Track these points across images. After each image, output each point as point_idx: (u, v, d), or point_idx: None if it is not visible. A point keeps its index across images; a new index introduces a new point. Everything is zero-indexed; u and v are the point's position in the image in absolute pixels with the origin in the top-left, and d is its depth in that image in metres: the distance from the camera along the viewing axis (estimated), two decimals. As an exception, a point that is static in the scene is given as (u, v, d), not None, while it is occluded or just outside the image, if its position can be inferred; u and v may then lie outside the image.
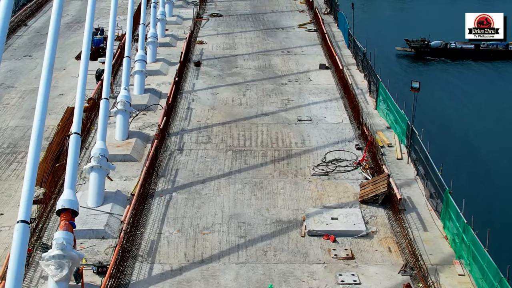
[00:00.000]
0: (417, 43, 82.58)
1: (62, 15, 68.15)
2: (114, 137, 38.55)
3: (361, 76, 50.68)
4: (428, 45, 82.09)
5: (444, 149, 45.75)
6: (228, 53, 57.28)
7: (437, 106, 57.92)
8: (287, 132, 40.58)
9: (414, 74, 70.88)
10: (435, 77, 73.55)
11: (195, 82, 49.65)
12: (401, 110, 38.49)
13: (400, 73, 68.47)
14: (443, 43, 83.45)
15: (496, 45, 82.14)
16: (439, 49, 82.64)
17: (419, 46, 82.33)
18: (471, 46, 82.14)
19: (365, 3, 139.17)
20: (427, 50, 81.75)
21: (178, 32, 62.99)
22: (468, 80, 74.20)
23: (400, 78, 62.49)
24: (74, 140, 27.84)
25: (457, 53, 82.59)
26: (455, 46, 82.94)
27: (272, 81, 50.16)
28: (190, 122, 42.17)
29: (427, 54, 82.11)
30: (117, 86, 46.09)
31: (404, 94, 41.74)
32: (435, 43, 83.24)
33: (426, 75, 72.44)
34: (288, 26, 66.41)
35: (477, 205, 37.40)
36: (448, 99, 62.77)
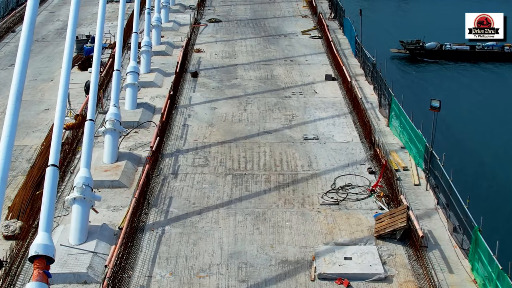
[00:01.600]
0: (411, 44, 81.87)
1: (53, 21, 64.69)
2: (102, 159, 34.98)
3: (370, 89, 47.14)
4: (423, 47, 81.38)
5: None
6: (227, 62, 53.71)
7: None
8: (292, 153, 37.04)
9: (409, 76, 68.75)
10: (430, 79, 72.41)
11: (192, 95, 46.07)
12: (418, 129, 34.92)
13: (395, 75, 65.41)
14: (438, 45, 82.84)
15: (491, 47, 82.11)
16: (434, 51, 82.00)
17: (414, 47, 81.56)
18: (467, 48, 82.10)
19: (363, 4, 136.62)
20: (422, 51, 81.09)
21: (175, 39, 59.41)
22: (464, 82, 73.41)
23: (395, 80, 59.30)
24: (50, 174, 24.24)
25: (453, 55, 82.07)
26: (450, 47, 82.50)
27: (275, 93, 46.61)
28: (186, 141, 38.61)
29: (422, 56, 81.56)
30: (108, 100, 42.55)
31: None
32: (430, 44, 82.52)
33: (421, 77, 71.24)
34: (290, 33, 62.82)
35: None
36: (447, 104, 60.32)
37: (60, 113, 26.90)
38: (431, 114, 32.46)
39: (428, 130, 32.96)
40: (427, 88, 66.46)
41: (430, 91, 65.53)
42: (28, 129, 40.56)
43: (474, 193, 32.17)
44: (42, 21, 67.57)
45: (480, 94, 68.03)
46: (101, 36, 36.37)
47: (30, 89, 47.53)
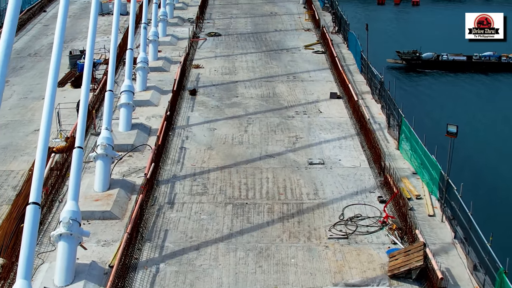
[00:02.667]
0: (408, 55, 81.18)
1: (46, 34, 62.37)
2: (93, 187, 32.56)
3: (378, 108, 44.80)
4: (419, 57, 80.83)
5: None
6: (227, 79, 51.37)
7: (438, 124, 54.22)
8: (297, 180, 34.62)
9: (406, 87, 67.03)
10: (427, 90, 71.60)
11: (190, 115, 43.71)
12: (431, 155, 32.54)
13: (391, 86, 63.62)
14: (434, 55, 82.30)
15: (488, 57, 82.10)
16: (430, 61, 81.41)
17: (411, 58, 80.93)
18: (464, 58, 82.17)
19: (363, 13, 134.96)
20: (418, 62, 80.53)
21: (172, 54, 57.10)
22: (463, 94, 72.79)
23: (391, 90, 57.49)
24: (31, 213, 21.86)
25: (449, 65, 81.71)
26: (447, 58, 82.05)
27: (277, 113, 44.25)
28: (183, 166, 36.21)
29: (419, 66, 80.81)
30: (101, 120, 40.07)
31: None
32: (426, 55, 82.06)
33: (418, 87, 70.22)
34: (293, 47, 60.50)
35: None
36: (450, 119, 58.75)
37: (43, 142, 24.58)
38: (435, 128, 30.22)
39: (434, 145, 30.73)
40: (424, 99, 65.16)
41: (428, 102, 64.81)
42: (15, 152, 38.20)
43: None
44: (36, 35, 65.34)
45: (482, 106, 67.01)
46: (91, 53, 34.10)
47: (20, 108, 45.24)
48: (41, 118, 25.56)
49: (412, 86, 70.41)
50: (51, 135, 39.91)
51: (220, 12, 75.74)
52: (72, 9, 76.80)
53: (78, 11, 75.95)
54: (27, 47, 60.97)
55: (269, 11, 76.64)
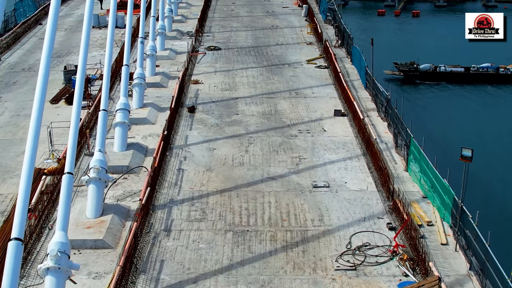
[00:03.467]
0: (405, 66, 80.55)
1: (41, 48, 60.54)
2: (85, 213, 30.70)
3: (384, 126, 43.00)
4: (417, 69, 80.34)
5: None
6: (227, 95, 49.58)
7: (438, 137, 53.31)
8: (301, 204, 32.77)
9: (403, 98, 65.83)
10: (424, 101, 71.06)
11: (188, 134, 41.89)
12: (443, 179, 30.70)
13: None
14: (432, 67, 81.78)
15: (486, 69, 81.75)
16: (428, 73, 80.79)
17: (408, 69, 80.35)
18: (461, 69, 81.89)
19: (364, 24, 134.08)
20: (416, 73, 80.00)
21: (171, 69, 55.34)
22: (461, 105, 72.25)
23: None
24: (12, 249, 20.00)
25: (447, 77, 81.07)
26: (444, 69, 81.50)
27: (280, 132, 42.43)
28: (181, 190, 34.37)
29: (416, 78, 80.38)
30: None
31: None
32: (424, 66, 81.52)
33: (415, 99, 69.45)
34: (295, 62, 58.74)
35: None
36: (456, 134, 58.25)
37: (28, 168, 22.67)
38: (439, 144, 28.47)
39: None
40: (424, 111, 64.69)
41: (428, 114, 64.42)
42: (4, 174, 36.37)
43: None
44: (30, 49, 63.59)
45: (486, 119, 65.91)
46: (83, 69, 32.20)
47: (11, 126, 43.48)
48: (27, 141, 23.56)
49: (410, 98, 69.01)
50: (42, 156, 38.51)
51: (220, 25, 74.04)
52: (69, 22, 75.30)
53: (75, 24, 74.25)
54: (21, 62, 59.23)
55: (270, 24, 74.94)
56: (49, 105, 47.06)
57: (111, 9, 40.50)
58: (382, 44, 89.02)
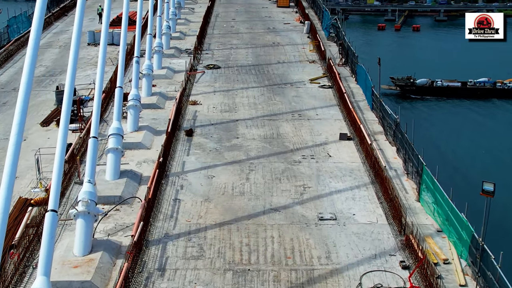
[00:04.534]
0: (402, 81, 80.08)
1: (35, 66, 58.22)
2: (72, 250, 28.27)
3: (393, 151, 40.64)
4: (413, 83, 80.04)
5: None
6: (227, 117, 47.22)
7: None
8: (306, 239, 30.34)
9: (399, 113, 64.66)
10: (421, 116, 70.15)
11: (185, 160, 39.50)
12: (461, 213, 28.32)
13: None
14: (429, 81, 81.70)
15: (483, 83, 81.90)
16: (425, 87, 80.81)
17: (405, 84, 79.93)
18: (458, 84, 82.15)
19: (364, 38, 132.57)
20: (412, 88, 79.97)
21: (168, 88, 53.00)
22: (464, 121, 72.18)
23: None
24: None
25: (444, 91, 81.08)
26: (441, 84, 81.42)
27: (282, 157, 40.05)
28: (177, 223, 31.95)
29: (413, 93, 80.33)
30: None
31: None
32: (420, 81, 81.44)
33: (412, 114, 68.46)
34: (297, 81, 56.40)
35: None
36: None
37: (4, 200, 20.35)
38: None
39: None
40: (424, 127, 63.03)
41: (430, 130, 63.83)
42: (-12, 205, 33.77)
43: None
44: (23, 67, 60.98)
45: (493, 138, 64.60)
46: (71, 91, 29.73)
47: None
48: (4, 168, 21.30)
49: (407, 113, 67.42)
50: (29, 184, 36.12)
51: (219, 42, 71.78)
52: (63, 39, 73.07)
53: (70, 41, 71.60)
54: (12, 81, 56.91)
55: (271, 41, 72.70)
56: (39, 127, 44.81)
57: (103, 25, 38.29)
58: (381, 59, 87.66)
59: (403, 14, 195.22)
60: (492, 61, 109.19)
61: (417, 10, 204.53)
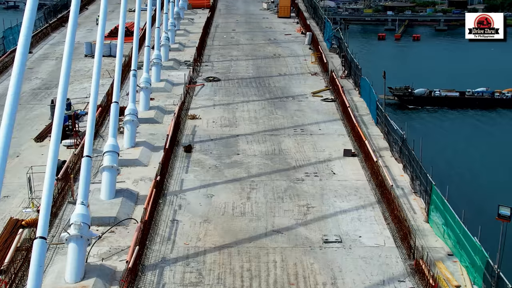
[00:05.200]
0: (400, 91, 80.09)
1: (30, 78, 56.92)
2: (64, 276, 26.76)
3: (399, 168, 39.19)
4: (411, 93, 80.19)
5: None
6: (227, 132, 45.75)
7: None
8: (310, 264, 28.84)
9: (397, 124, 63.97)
10: (420, 127, 70.03)
11: (184, 178, 38.02)
12: (474, 238, 26.84)
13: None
14: (427, 91, 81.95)
15: (481, 93, 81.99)
16: (423, 97, 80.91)
17: (403, 94, 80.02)
18: (456, 94, 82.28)
19: (364, 47, 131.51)
20: (410, 98, 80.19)
21: (166, 102, 51.56)
22: (464, 132, 72.17)
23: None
24: None
25: (442, 101, 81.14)
26: (439, 94, 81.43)
27: (285, 175, 38.58)
28: (174, 246, 30.46)
29: (411, 103, 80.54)
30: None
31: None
32: (418, 91, 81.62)
33: (410, 124, 66.74)
34: (299, 94, 54.96)
35: None
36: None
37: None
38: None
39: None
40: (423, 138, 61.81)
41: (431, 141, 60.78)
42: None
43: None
44: (18, 79, 59.56)
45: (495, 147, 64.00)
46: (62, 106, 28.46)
47: (-10, 168, 39.37)
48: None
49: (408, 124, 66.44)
50: (21, 204, 34.62)
51: (219, 53, 70.34)
52: (60, 50, 71.25)
53: (67, 52, 70.35)
54: (4, 95, 55.28)
55: (272, 52, 71.26)
56: (33, 143, 43.30)
57: (98, 37, 36.73)
58: (380, 68, 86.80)
59: (403, 24, 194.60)
60: (492, 70, 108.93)
61: (417, 20, 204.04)
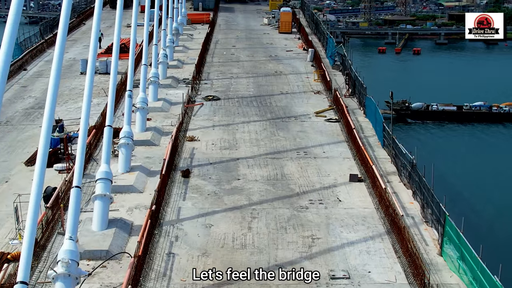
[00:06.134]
0: (397, 105, 78.91)
1: (23, 97, 54.80)
2: (49, 319, 24.62)
3: (408, 195, 37.15)
4: (408, 107, 79.85)
5: None
6: (227, 155, 43.71)
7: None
8: (317, 304, 26.70)
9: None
10: (417, 141, 69.11)
11: (181, 206, 35.95)
12: (494, 277, 24.74)
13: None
14: (424, 105, 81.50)
15: (479, 107, 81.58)
16: (420, 111, 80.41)
17: (400, 108, 79.19)
18: (453, 108, 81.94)
19: (364, 60, 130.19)
20: (407, 112, 79.96)
21: (164, 123, 49.57)
22: (462, 146, 71.77)
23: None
24: None
25: (439, 115, 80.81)
26: (437, 108, 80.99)
27: (288, 202, 36.53)
28: (170, 282, 28.40)
29: (408, 116, 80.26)
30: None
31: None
32: (416, 105, 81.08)
33: (407, 138, 67.34)
34: (302, 114, 52.93)
35: None
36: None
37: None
38: None
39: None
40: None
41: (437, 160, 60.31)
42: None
43: None
44: (11, 98, 57.71)
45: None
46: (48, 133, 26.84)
47: (-23, 193, 37.57)
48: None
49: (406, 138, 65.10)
50: (7, 235, 32.54)
51: (219, 71, 68.35)
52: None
53: (62, 69, 68.25)
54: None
55: (274, 69, 69.28)
56: (24, 167, 41.22)
57: (90, 52, 34.70)
58: (380, 82, 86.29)
59: (403, 37, 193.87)
60: (491, 84, 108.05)
61: (418, 33, 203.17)
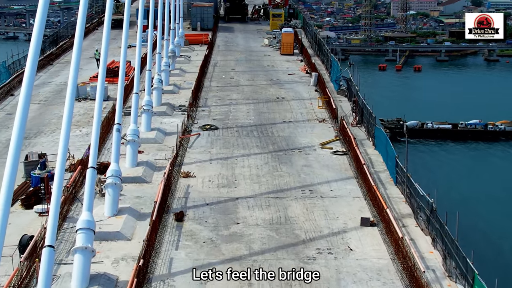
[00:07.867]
0: (392, 123, 78.93)
1: (8, 126, 50.61)
2: None
3: (427, 242, 33.31)
4: (403, 125, 77.51)
5: None
6: (225, 194, 39.82)
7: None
8: None
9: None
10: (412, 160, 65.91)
11: (173, 256, 32.03)
12: None
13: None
14: (419, 123, 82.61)
15: (474, 125, 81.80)
16: (415, 130, 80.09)
17: (394, 126, 78.09)
18: (449, 126, 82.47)
19: (364, 77, 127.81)
20: (402, 130, 77.05)
21: (157, 156, 45.70)
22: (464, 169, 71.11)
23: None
24: None
25: (434, 134, 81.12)
26: (431, 126, 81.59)
27: (292, 251, 32.63)
28: None
29: (403, 135, 76.59)
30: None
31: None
32: (411, 123, 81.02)
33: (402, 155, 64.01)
34: (306, 146, 49.01)
35: None
36: None
37: None
38: None
39: None
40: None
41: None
42: None
43: None
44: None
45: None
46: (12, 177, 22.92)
47: None
48: None
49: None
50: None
51: (217, 96, 64.45)
52: (45, 92, 65.90)
53: (51, 95, 64.77)
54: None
55: (275, 95, 65.41)
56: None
57: (70, 79, 30.39)
58: (377, 100, 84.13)
59: (404, 54, 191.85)
60: (490, 102, 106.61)
61: (418, 50, 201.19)
